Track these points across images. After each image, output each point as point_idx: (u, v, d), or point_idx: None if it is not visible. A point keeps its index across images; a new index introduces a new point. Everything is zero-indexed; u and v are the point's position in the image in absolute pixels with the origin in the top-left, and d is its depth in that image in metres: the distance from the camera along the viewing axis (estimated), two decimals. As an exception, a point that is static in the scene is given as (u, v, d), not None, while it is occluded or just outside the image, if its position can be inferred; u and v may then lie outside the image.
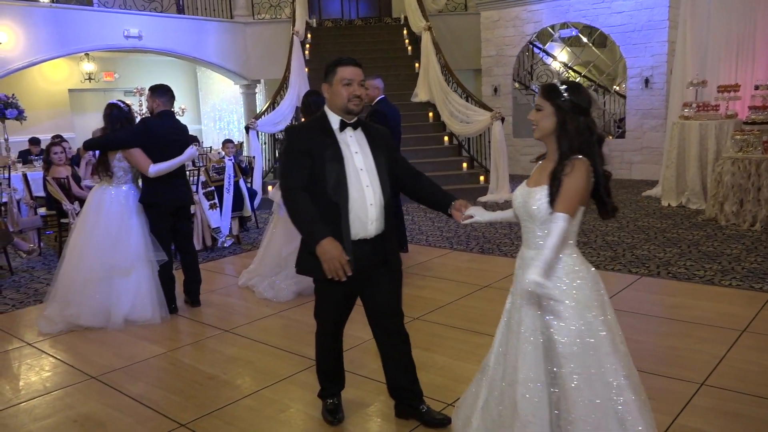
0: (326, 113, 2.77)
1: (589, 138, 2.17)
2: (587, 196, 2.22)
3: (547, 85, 2.23)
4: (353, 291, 2.86)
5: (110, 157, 4.66)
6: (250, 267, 5.65)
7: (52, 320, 4.53)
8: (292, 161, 2.69)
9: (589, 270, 2.25)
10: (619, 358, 2.19)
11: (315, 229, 2.59)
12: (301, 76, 11.16)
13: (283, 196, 2.70)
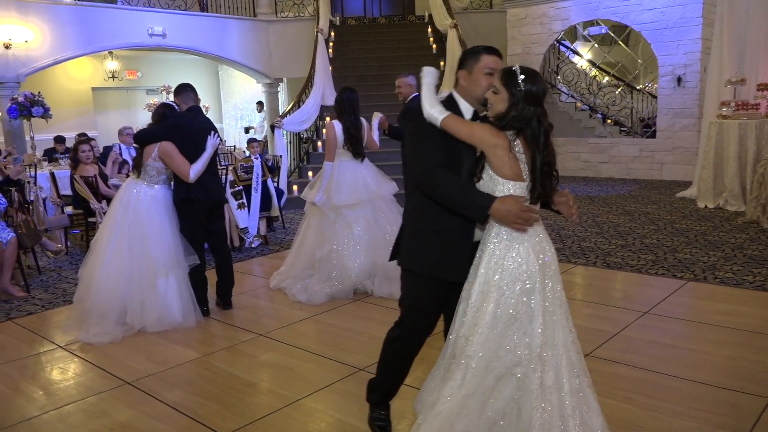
0: (455, 99, 2.51)
1: (537, 127, 2.27)
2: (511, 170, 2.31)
3: (506, 70, 2.29)
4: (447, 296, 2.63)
5: (145, 154, 4.56)
6: (281, 269, 5.53)
7: (95, 331, 4.38)
8: (428, 141, 2.43)
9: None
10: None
11: (476, 196, 2.34)
12: (325, 74, 11.04)
13: (422, 178, 2.44)
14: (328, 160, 4.99)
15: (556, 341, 2.32)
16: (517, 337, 2.30)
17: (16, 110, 8.97)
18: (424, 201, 2.52)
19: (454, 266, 2.50)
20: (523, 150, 2.32)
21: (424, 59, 12.31)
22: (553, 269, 2.37)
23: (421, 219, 2.58)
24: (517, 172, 2.31)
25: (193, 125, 4.65)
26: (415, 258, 2.61)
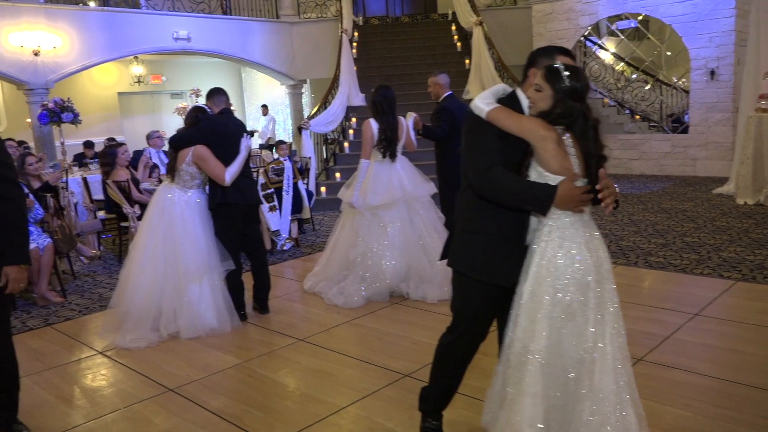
0: (518, 96, 2.43)
1: (584, 123, 2.23)
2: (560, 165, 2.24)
3: (550, 68, 2.24)
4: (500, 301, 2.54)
5: (179, 159, 4.52)
6: (315, 269, 5.48)
7: (131, 336, 4.36)
8: (483, 139, 2.36)
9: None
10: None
11: (537, 189, 2.25)
12: (350, 75, 10.99)
13: (477, 177, 2.35)
14: (364, 158, 4.92)
15: (606, 343, 2.24)
16: (573, 338, 2.22)
17: (46, 116, 9.04)
18: (475, 201, 2.44)
19: (504, 269, 2.41)
20: (573, 145, 2.25)
21: (448, 57, 12.27)
22: (606, 268, 2.30)
23: (471, 220, 2.50)
24: (567, 167, 2.24)
25: (226, 128, 4.62)
26: (464, 260, 2.53)
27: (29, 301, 5.47)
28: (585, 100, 2.27)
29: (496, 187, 2.32)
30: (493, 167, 2.32)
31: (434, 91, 5.60)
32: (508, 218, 2.39)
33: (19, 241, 2.85)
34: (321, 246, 7.15)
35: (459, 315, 2.61)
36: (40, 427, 3.22)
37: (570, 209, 2.25)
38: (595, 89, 12.31)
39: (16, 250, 2.83)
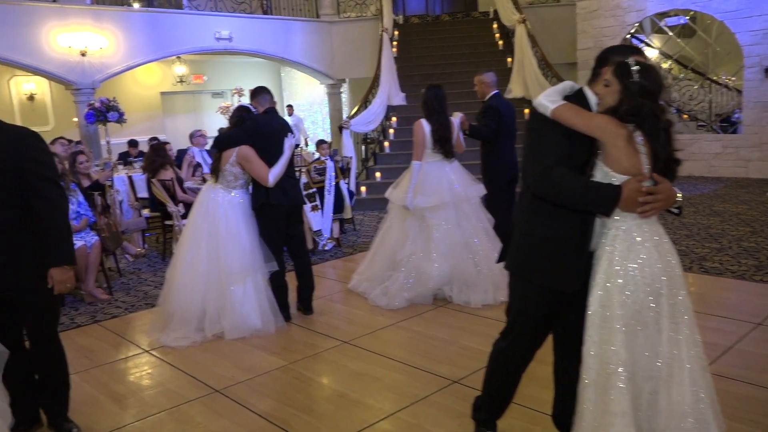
0: (585, 94, 2.31)
1: (654, 123, 2.10)
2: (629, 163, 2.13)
3: (620, 63, 2.15)
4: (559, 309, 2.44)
5: (223, 159, 4.51)
6: (359, 268, 5.42)
7: (176, 335, 4.37)
8: (545, 139, 2.25)
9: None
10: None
11: (600, 189, 2.14)
12: (391, 74, 10.92)
13: (537, 179, 2.25)
14: (415, 159, 4.83)
15: (682, 353, 2.11)
16: (646, 350, 2.11)
17: (93, 115, 9.17)
18: (535, 203, 2.34)
19: (565, 274, 2.30)
20: (644, 144, 2.14)
21: (489, 56, 12.10)
22: (677, 273, 2.17)
23: (531, 222, 2.40)
24: (636, 166, 2.13)
25: (271, 127, 4.58)
26: (522, 263, 2.43)
27: (77, 297, 5.55)
28: (657, 99, 2.15)
29: (556, 188, 2.22)
30: (555, 168, 2.21)
31: (480, 89, 5.49)
32: (570, 221, 2.29)
33: (60, 242, 2.83)
34: (362, 246, 7.10)
35: (514, 320, 2.51)
36: (90, 425, 3.23)
37: (634, 211, 2.13)
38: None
39: (58, 251, 2.81)
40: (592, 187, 2.17)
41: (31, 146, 2.81)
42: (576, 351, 2.32)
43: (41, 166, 2.81)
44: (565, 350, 2.51)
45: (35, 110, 12.72)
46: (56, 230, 2.83)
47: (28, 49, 9.91)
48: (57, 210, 2.83)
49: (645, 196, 2.11)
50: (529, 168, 2.33)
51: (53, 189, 2.83)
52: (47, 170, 2.84)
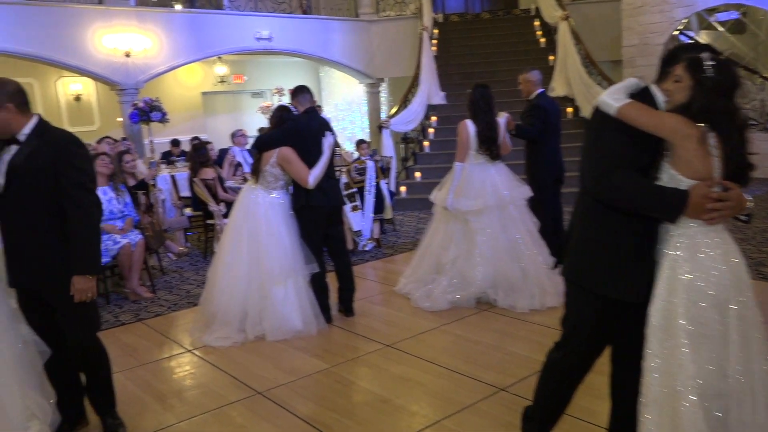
0: (652, 92, 2.18)
1: (728, 123, 1.99)
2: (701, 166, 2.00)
3: (692, 57, 2.03)
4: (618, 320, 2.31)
5: (264, 160, 4.48)
6: (406, 272, 5.35)
7: (218, 334, 4.36)
8: (609, 139, 2.14)
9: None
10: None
11: (665, 193, 2.02)
12: (430, 73, 10.82)
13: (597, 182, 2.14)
14: (458, 160, 4.73)
15: (753, 368, 1.97)
16: (714, 364, 1.97)
17: (137, 115, 9.36)
18: (595, 207, 2.23)
19: (626, 283, 2.18)
20: (717, 146, 2.00)
21: (531, 54, 11.88)
22: (745, 282, 2.04)
23: (590, 228, 2.28)
24: (707, 170, 2.00)
25: (311, 128, 4.53)
26: (580, 270, 2.31)
27: (121, 295, 5.61)
28: (731, 97, 2.02)
29: (618, 192, 2.10)
30: (617, 170, 2.10)
31: (525, 88, 5.37)
32: (631, 226, 2.17)
33: (85, 251, 2.79)
34: (402, 247, 7.03)
35: (571, 330, 2.39)
36: (134, 425, 3.23)
37: (701, 218, 2.01)
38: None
39: (83, 259, 2.78)
40: (657, 192, 2.05)
41: (71, 152, 2.80)
42: (635, 364, 2.20)
43: (78, 172, 2.79)
44: (624, 362, 2.39)
45: (81, 110, 13.00)
46: (84, 238, 2.79)
47: (74, 51, 10.12)
48: (87, 218, 2.80)
49: (714, 202, 1.98)
50: (588, 170, 2.21)
51: (86, 196, 2.80)
52: (83, 177, 2.80)
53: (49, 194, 2.75)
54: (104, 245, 5.27)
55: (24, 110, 2.79)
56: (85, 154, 2.89)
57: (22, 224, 2.78)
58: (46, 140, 2.79)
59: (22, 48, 9.59)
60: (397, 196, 8.84)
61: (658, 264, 2.11)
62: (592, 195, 2.22)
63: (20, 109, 2.77)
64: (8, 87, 2.76)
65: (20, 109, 2.77)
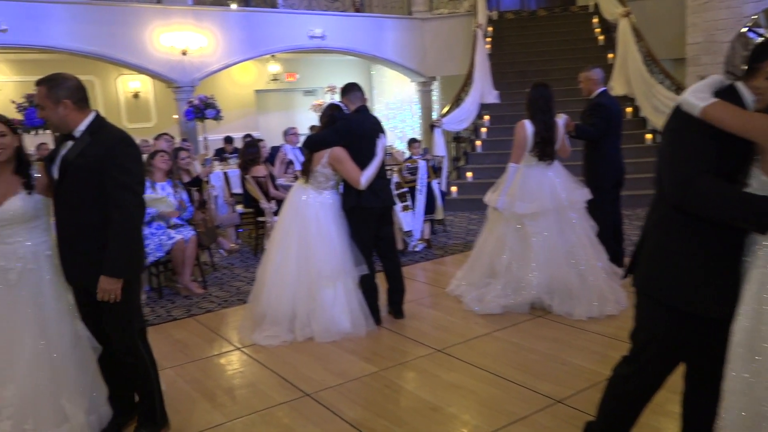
0: (738, 91, 2.02)
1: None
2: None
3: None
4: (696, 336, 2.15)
5: (315, 160, 4.41)
6: (458, 274, 5.23)
7: (267, 333, 4.33)
8: (693, 141, 1.99)
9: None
10: None
11: (756, 201, 1.87)
12: (484, 71, 10.63)
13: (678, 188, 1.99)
14: (513, 161, 4.58)
15: None
16: None
17: (192, 112, 9.52)
18: (672, 215, 2.08)
19: (706, 298, 2.02)
20: None
21: (589, 52, 11.54)
22: None
23: (667, 236, 2.12)
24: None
25: (363, 127, 4.45)
26: (655, 282, 2.15)
27: (174, 290, 5.68)
28: None
29: (702, 199, 1.94)
30: (700, 175, 1.94)
31: (586, 87, 5.16)
32: (715, 236, 2.00)
33: (118, 252, 2.72)
34: (453, 248, 6.90)
35: (642, 346, 2.23)
36: (183, 422, 3.23)
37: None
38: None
39: (111, 260, 2.71)
40: (745, 199, 1.88)
41: (119, 151, 2.75)
42: (713, 385, 2.04)
43: (122, 172, 2.72)
44: (699, 382, 2.22)
45: (139, 107, 13.34)
46: (117, 239, 2.72)
47: (134, 49, 10.37)
48: (125, 219, 2.72)
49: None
50: (667, 175, 2.05)
51: (129, 197, 2.73)
52: (128, 177, 2.74)
53: (97, 192, 2.72)
54: (158, 240, 5.35)
55: (81, 107, 2.79)
56: (133, 154, 2.82)
57: (72, 220, 2.79)
58: (98, 138, 2.77)
59: (84, 46, 9.88)
60: (448, 197, 8.70)
61: (743, 278, 1.94)
62: (671, 202, 2.05)
63: (77, 106, 2.77)
64: (67, 83, 2.76)
65: (77, 106, 2.77)
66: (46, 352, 2.80)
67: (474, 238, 7.22)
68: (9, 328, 2.80)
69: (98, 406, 3.00)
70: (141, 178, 2.85)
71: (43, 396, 2.78)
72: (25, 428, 2.75)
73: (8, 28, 9.08)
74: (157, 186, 5.50)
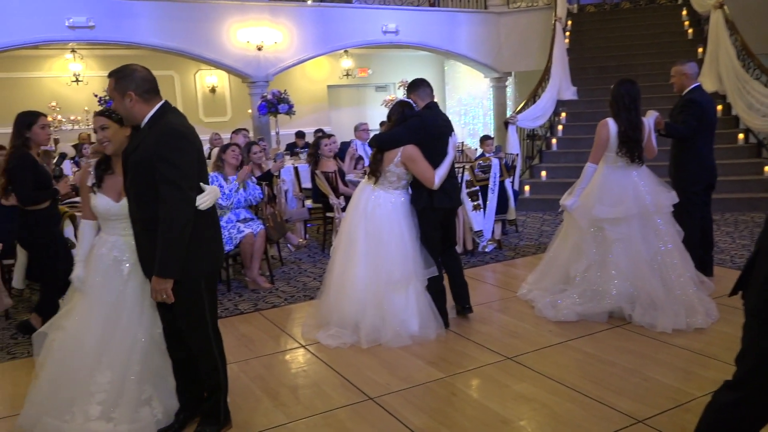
0: None
1: None
2: None
3: None
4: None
5: (386, 159, 4.25)
6: (529, 278, 5.00)
7: (332, 332, 4.24)
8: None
9: None
10: None
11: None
12: (562, 67, 10.24)
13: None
14: (591, 162, 4.31)
15: None
16: None
17: (265, 107, 9.62)
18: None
19: None
20: None
21: (676, 46, 10.91)
22: None
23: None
24: None
25: (435, 125, 4.29)
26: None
27: (242, 283, 5.72)
28: None
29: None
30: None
31: (678, 82, 4.81)
32: None
33: (162, 252, 2.64)
34: (524, 250, 6.65)
35: (750, 372, 1.98)
36: (245, 420, 3.19)
37: None
38: None
39: (159, 260, 2.65)
40: None
41: (167, 144, 2.65)
42: None
43: (169, 167, 2.61)
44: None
45: (216, 102, 13.66)
46: (164, 238, 2.63)
47: (212, 45, 10.60)
48: (170, 218, 2.61)
49: None
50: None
51: (174, 193, 2.61)
52: (173, 172, 2.62)
53: (155, 186, 2.65)
54: (228, 233, 5.38)
55: (147, 98, 2.74)
56: (180, 148, 2.67)
57: (137, 215, 2.78)
58: (154, 131, 2.71)
59: (166, 42, 10.18)
60: (520, 196, 8.42)
61: None
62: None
63: (143, 98, 2.72)
64: (133, 75, 2.73)
65: (143, 98, 2.72)
66: (141, 341, 2.93)
67: (547, 240, 6.98)
68: (117, 317, 2.92)
69: (169, 397, 3.04)
70: (189, 172, 2.68)
71: (132, 382, 2.89)
72: (112, 414, 2.86)
73: (95, 25, 9.45)
74: (231, 179, 5.54)
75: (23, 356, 4.22)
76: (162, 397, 3.02)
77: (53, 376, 2.91)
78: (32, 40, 9.37)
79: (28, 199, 4.25)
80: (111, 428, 2.83)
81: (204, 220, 2.80)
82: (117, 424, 2.85)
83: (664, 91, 9.39)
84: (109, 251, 2.94)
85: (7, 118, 4.97)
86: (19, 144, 4.25)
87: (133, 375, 2.89)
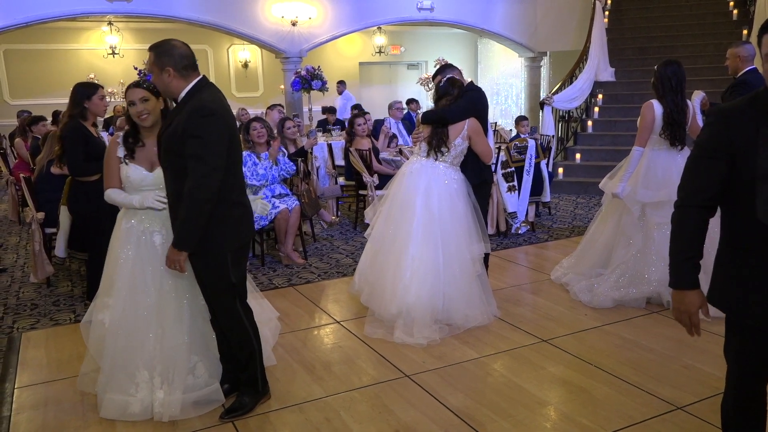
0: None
1: None
2: None
3: None
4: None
5: (452, 134, 4.03)
6: (563, 261, 4.96)
7: (374, 324, 4.05)
8: (695, 163, 1.94)
9: None
10: None
11: (681, 267, 1.97)
12: (601, 47, 10.02)
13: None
14: (638, 145, 4.23)
15: None
16: None
17: (298, 83, 9.61)
18: None
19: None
20: None
21: (720, 27, 10.60)
22: None
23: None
24: None
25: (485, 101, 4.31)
26: None
27: (276, 259, 5.77)
28: None
29: (675, 232, 1.87)
30: (686, 208, 1.89)
31: (733, 64, 4.67)
32: None
33: (180, 224, 2.70)
34: (557, 232, 6.60)
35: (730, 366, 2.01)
36: (284, 391, 3.25)
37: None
38: None
39: (178, 233, 2.71)
40: (678, 255, 1.79)
41: (194, 121, 2.65)
42: None
43: (196, 142, 2.62)
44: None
45: (248, 77, 13.71)
46: (185, 211, 2.66)
47: (246, 19, 10.60)
48: (195, 190, 2.63)
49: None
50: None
51: (199, 167, 2.62)
52: (199, 147, 2.62)
53: (184, 162, 2.67)
54: (262, 209, 5.41)
55: (184, 74, 2.75)
56: (207, 123, 2.65)
57: (171, 189, 2.81)
58: (186, 107, 2.73)
59: (202, 16, 10.20)
60: (555, 178, 8.32)
61: None
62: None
63: (180, 74, 2.74)
64: (172, 50, 2.74)
65: (180, 74, 2.74)
66: (187, 310, 3.00)
67: (580, 223, 6.91)
68: (160, 288, 2.97)
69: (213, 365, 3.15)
70: (217, 149, 2.67)
71: (183, 351, 2.97)
72: (171, 382, 2.95)
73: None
74: (263, 156, 5.55)
75: (66, 323, 4.33)
76: (206, 365, 3.09)
77: (113, 351, 2.96)
78: (70, 12, 9.47)
79: (78, 169, 4.32)
80: (170, 397, 2.92)
81: (233, 197, 2.83)
82: (171, 393, 2.93)
83: (706, 73, 9.16)
84: (140, 222, 2.99)
85: (46, 90, 5.04)
86: (76, 113, 4.31)
87: (182, 343, 2.96)
